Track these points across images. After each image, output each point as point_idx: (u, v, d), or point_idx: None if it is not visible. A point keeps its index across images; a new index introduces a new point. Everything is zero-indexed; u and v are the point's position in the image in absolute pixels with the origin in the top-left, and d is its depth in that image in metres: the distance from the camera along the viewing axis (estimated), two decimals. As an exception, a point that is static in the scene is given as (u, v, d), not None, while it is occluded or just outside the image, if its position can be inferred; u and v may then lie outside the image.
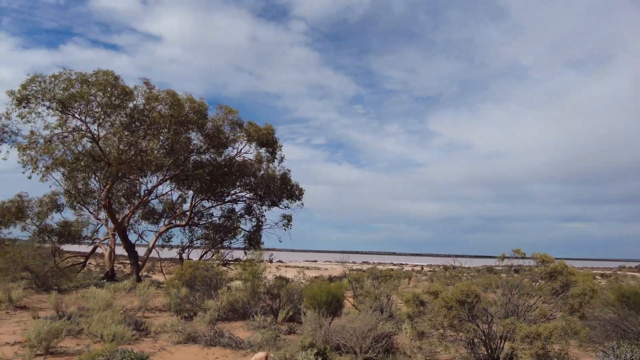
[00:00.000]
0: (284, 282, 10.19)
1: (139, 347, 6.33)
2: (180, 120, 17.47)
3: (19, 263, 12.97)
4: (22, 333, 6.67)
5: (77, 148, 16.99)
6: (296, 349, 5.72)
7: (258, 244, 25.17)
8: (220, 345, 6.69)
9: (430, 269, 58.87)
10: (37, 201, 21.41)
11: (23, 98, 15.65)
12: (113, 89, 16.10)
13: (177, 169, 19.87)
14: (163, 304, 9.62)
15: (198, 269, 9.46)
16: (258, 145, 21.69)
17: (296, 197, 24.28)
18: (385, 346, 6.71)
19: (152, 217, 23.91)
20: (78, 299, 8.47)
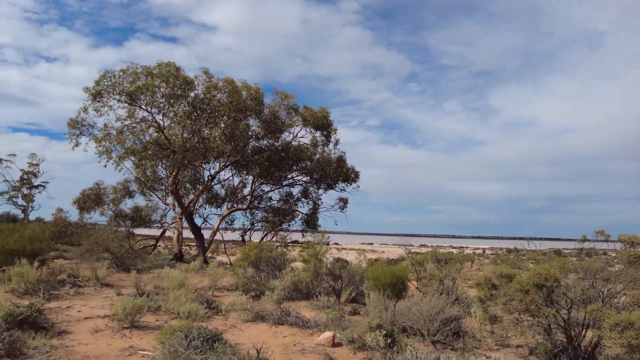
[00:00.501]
0: (344, 263, 10.23)
1: (211, 324, 6.65)
2: (238, 108, 17.90)
3: (100, 245, 14.13)
4: (110, 308, 7.26)
5: (144, 138, 18.05)
6: (363, 330, 5.71)
7: (315, 227, 25.51)
8: (287, 324, 6.85)
9: (492, 252, 56.65)
10: (112, 188, 23.15)
11: (97, 93, 16.79)
12: (175, 79, 16.80)
13: (237, 155, 20.50)
14: (230, 284, 10.06)
15: (262, 250, 9.75)
16: (313, 128, 21.76)
17: (352, 179, 24.20)
18: (453, 329, 6.53)
19: (215, 202, 24.99)
20: (154, 278, 9.06)
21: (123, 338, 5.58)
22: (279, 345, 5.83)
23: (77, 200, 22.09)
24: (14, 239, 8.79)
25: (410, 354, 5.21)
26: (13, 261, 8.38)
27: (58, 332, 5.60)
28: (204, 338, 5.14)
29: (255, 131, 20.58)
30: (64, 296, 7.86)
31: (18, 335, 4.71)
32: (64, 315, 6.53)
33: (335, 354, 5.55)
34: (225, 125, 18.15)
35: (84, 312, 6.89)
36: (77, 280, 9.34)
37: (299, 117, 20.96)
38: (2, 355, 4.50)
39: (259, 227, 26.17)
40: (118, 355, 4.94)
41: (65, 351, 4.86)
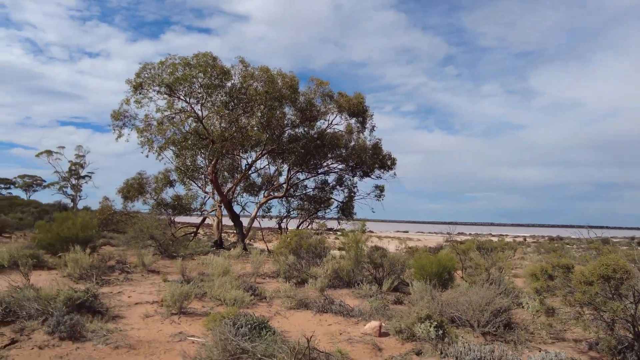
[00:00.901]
0: (384, 252, 10.04)
1: (256, 311, 6.68)
2: (274, 96, 17.88)
3: (145, 232, 14.61)
4: (157, 294, 7.46)
5: (184, 128, 18.42)
6: (412, 321, 5.55)
7: (350, 215, 25.39)
8: (331, 312, 6.79)
9: (533, 240, 54.62)
10: (154, 178, 23.86)
11: (138, 85, 17.19)
12: (212, 69, 16.93)
13: (273, 144, 20.57)
14: (272, 271, 10.13)
15: (302, 237, 9.74)
16: (349, 115, 21.48)
17: (388, 167, 23.81)
18: (504, 321, 6.25)
19: (252, 190, 25.32)
20: (199, 265, 9.23)
21: (172, 324, 5.69)
22: (324, 334, 5.77)
23: (121, 189, 22.93)
24: (68, 227, 9.18)
25: (463, 346, 5.01)
26: (67, 248, 8.76)
27: (112, 316, 5.77)
28: (252, 325, 5.15)
29: (290, 119, 20.54)
30: (114, 282, 8.14)
31: (77, 319, 4.88)
32: (115, 300, 6.74)
33: (383, 344, 5.43)
34: (261, 114, 18.20)
35: (134, 297, 7.10)
36: (125, 266, 9.67)
37: (334, 104, 20.72)
38: (64, 337, 4.68)
39: (294, 215, 26.37)
40: (169, 340, 5.03)
41: (120, 335, 4.99)
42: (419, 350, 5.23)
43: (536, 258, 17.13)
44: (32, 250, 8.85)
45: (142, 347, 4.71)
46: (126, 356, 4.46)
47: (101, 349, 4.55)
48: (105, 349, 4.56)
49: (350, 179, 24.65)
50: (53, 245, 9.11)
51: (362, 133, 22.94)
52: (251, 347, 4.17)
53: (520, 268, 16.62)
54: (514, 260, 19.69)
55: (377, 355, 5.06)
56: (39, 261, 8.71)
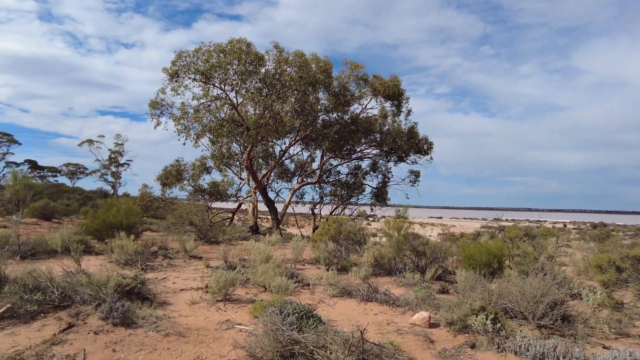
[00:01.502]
0: (426, 239, 9.74)
1: (300, 298, 6.60)
2: (309, 81, 17.64)
3: (185, 218, 14.89)
4: (201, 280, 7.51)
5: (219, 115, 18.51)
6: (465, 312, 5.29)
7: (384, 201, 25.03)
8: (376, 301, 6.62)
9: (574, 227, 52.38)
10: (191, 165, 24.30)
11: (174, 73, 17.34)
12: (246, 56, 16.83)
13: (306, 130, 20.40)
14: (311, 257, 10.05)
15: (342, 224, 9.57)
16: (384, 98, 20.97)
17: (424, 151, 23.19)
18: (561, 314, 5.88)
19: (286, 176, 25.37)
20: (240, 251, 9.26)
21: (218, 311, 5.68)
22: (372, 324, 5.61)
23: (159, 176, 23.51)
24: (113, 214, 9.40)
25: (521, 340, 4.72)
26: (113, 234, 8.98)
27: (160, 302, 5.83)
28: (299, 314, 5.05)
29: (324, 104, 20.27)
30: (159, 268, 8.27)
31: (128, 305, 4.93)
32: (161, 286, 6.82)
33: (434, 336, 5.21)
34: (295, 100, 18.02)
35: (178, 283, 7.16)
36: (168, 252, 9.83)
37: (368, 88, 20.25)
38: (117, 323, 4.73)
39: (328, 201, 26.27)
40: (217, 328, 5.00)
41: (169, 322, 5.01)
42: (472, 343, 4.98)
43: (585, 246, 16.28)
44: (81, 236, 9.14)
45: (191, 335, 4.70)
46: (177, 344, 4.45)
47: (152, 335, 4.56)
48: (156, 336, 4.57)
49: (385, 165, 24.23)
50: (100, 232, 9.37)
51: (397, 117, 22.40)
52: (302, 337, 4.05)
53: (566, 256, 15.87)
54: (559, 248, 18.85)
55: (430, 348, 4.85)
56: (87, 247, 8.98)
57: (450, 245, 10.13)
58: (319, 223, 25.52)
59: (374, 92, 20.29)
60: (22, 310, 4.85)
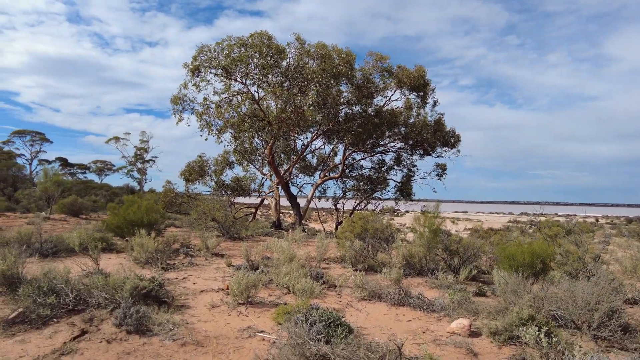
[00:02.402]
0: (459, 237, 9.12)
1: (325, 302, 6.15)
2: (331, 74, 17.10)
3: (207, 215, 14.67)
4: (222, 280, 7.15)
5: (241, 110, 18.21)
6: (511, 321, 4.71)
7: (409, 195, 24.31)
8: (408, 305, 6.09)
9: (607, 221, 50.14)
10: (213, 160, 24.19)
11: (195, 68, 17.11)
12: (268, 49, 16.42)
13: (328, 124, 19.89)
14: (336, 256, 9.59)
15: (368, 221, 9.06)
16: (408, 90, 20.22)
17: (451, 144, 22.33)
18: (621, 324, 5.21)
19: (308, 171, 24.96)
20: (263, 249, 8.88)
21: (240, 316, 5.28)
22: (405, 332, 5.10)
23: (183, 172, 23.47)
24: (134, 211, 9.17)
25: (582, 358, 4.11)
26: (134, 231, 8.75)
27: (178, 306, 5.47)
28: (326, 322, 4.59)
29: (346, 97, 19.68)
30: (179, 266, 7.97)
31: (144, 311, 4.58)
32: (181, 287, 6.49)
33: (477, 347, 4.66)
34: (317, 93, 17.52)
35: (199, 284, 6.82)
36: (189, 250, 9.55)
37: (392, 79, 19.53)
38: (131, 331, 4.39)
39: (350, 196, 25.72)
40: (237, 336, 4.59)
41: (187, 329, 4.63)
42: (522, 357, 4.41)
43: (626, 243, 15.23)
44: (102, 234, 8.94)
45: (209, 344, 4.31)
46: (194, 354, 4.06)
47: (168, 345, 4.19)
48: (172, 345, 4.20)
49: (409, 158, 23.49)
50: (121, 229, 9.16)
51: (422, 109, 21.60)
52: (332, 352, 3.59)
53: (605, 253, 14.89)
54: (594, 244, 17.78)
55: (473, 362, 4.31)
56: (108, 244, 8.78)
57: (483, 242, 9.47)
58: (343, 219, 25.05)
59: (398, 84, 19.57)
60: (34, 315, 4.57)
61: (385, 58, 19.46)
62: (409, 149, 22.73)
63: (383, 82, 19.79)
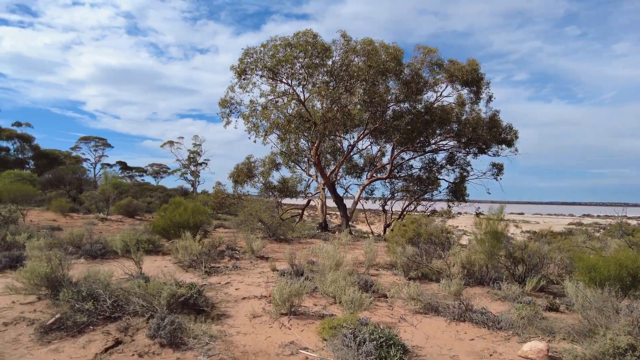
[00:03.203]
0: (524, 243, 8.14)
1: (376, 314, 5.55)
2: (378, 70, 16.41)
3: (254, 216, 14.50)
4: (265, 285, 6.76)
5: (287, 111, 17.97)
6: (601, 348, 3.87)
7: (462, 196, 22.97)
8: (470, 321, 5.34)
9: (688, 224, 45.02)
10: (261, 162, 24.24)
11: (242, 71, 17.08)
12: (313, 48, 16.03)
13: (376, 122, 19.16)
14: (385, 261, 8.93)
15: (422, 224, 8.33)
16: (461, 85, 19.01)
17: (508, 142, 20.79)
18: None
19: (355, 172, 24.32)
20: (308, 253, 8.42)
21: (282, 328, 4.82)
22: (469, 354, 4.40)
23: (232, 174, 23.71)
24: (180, 213, 9.05)
25: None
26: (179, 233, 8.62)
27: (218, 314, 5.11)
28: (377, 341, 4.01)
29: (394, 94, 18.85)
30: (223, 270, 7.68)
31: (179, 322, 4.23)
32: (222, 293, 6.15)
33: (559, 379, 3.87)
34: (363, 91, 16.88)
35: (241, 290, 6.46)
36: (235, 252, 9.30)
37: (443, 73, 18.43)
38: (164, 343, 4.05)
39: (399, 197, 24.76)
40: (278, 353, 4.13)
41: (224, 343, 4.23)
42: (620, 395, 3.57)
43: None
44: (149, 236, 8.90)
45: (248, 362, 3.87)
46: (230, 374, 3.64)
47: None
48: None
49: (463, 157, 22.16)
50: (167, 231, 9.08)
51: (475, 105, 20.28)
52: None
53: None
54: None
55: (558, 399, 3.54)
56: (155, 246, 8.72)
57: (551, 249, 8.39)
58: (392, 221, 24.15)
59: (450, 78, 18.44)
60: (70, 322, 4.37)
61: (433, 51, 18.42)
62: (462, 147, 21.45)
63: (433, 77, 18.75)
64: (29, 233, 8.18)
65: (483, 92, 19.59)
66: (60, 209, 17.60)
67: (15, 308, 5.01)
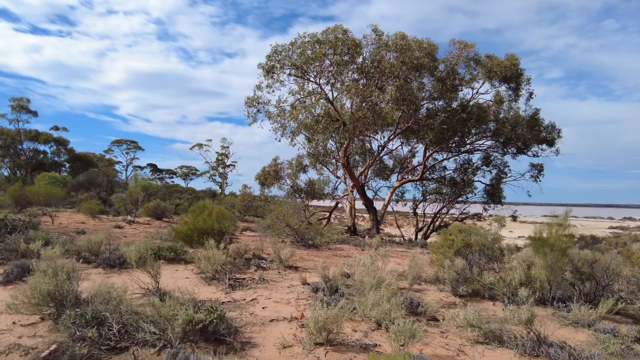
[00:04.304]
0: (591, 255, 6.96)
1: (429, 346, 4.60)
2: (411, 66, 15.36)
3: (281, 220, 13.73)
4: (296, 303, 5.91)
5: (315, 111, 17.16)
6: None
7: (499, 199, 21.54)
8: (547, 356, 4.31)
9: None
10: (288, 163, 23.54)
11: (270, 69, 16.41)
12: (342, 44, 15.16)
13: (408, 121, 18.08)
14: (427, 273, 7.92)
15: (471, 233, 7.28)
16: (499, 81, 17.68)
17: (549, 141, 19.26)
18: None
19: (384, 173, 23.27)
20: (342, 264, 7.51)
21: (318, 364, 3.94)
22: (559, 409, 3.38)
23: (258, 176, 23.12)
24: (203, 218, 8.34)
25: None
26: (203, 241, 7.91)
27: (241, 343, 4.29)
28: (443, 394, 3.07)
29: (428, 91, 17.72)
30: (249, 283, 6.87)
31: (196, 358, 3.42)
32: (247, 313, 5.33)
33: None
34: (395, 88, 15.87)
35: (269, 308, 5.63)
36: (262, 261, 8.51)
37: (481, 69, 17.16)
38: (174, 387, 3.25)
39: (432, 199, 23.52)
40: (316, 402, 3.24)
41: (248, 387, 3.39)
42: None
43: None
44: (171, 243, 8.23)
45: (278, 418, 3.00)
46: None
47: (221, 417, 2.96)
48: (227, 418, 2.96)
49: (500, 158, 20.75)
50: (190, 237, 8.40)
51: (514, 102, 18.89)
52: None
53: None
54: None
55: None
56: (177, 254, 8.03)
57: (621, 260, 7.18)
58: (424, 225, 22.94)
59: (487, 74, 17.15)
60: (67, 355, 3.64)
61: (470, 46, 17.19)
62: (499, 147, 20.05)
63: (469, 72, 17.51)
64: (45, 239, 7.64)
65: (523, 88, 18.19)
66: (90, 211, 17.39)
67: (15, 331, 4.35)
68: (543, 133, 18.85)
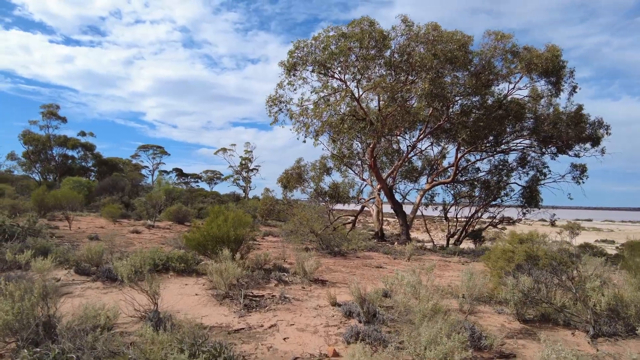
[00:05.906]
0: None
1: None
2: (445, 58, 13.96)
3: (305, 225, 12.58)
4: (325, 332, 4.69)
5: (340, 109, 15.97)
6: None
7: (536, 202, 19.70)
8: None
9: None
10: (311, 165, 22.38)
11: (291, 66, 15.33)
12: (369, 37, 13.92)
13: (439, 119, 16.64)
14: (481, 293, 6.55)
15: (535, 243, 5.89)
16: (539, 75, 16.00)
17: (593, 140, 17.39)
18: None
19: (412, 175, 21.79)
20: (378, 280, 6.24)
21: None
22: None
23: (281, 179, 22.05)
24: (218, 224, 7.25)
25: None
26: (217, 250, 6.82)
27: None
28: None
29: (462, 87, 16.22)
30: (268, 303, 5.69)
31: None
32: (265, 347, 4.14)
33: None
34: (428, 82, 14.48)
35: (291, 339, 4.43)
36: (283, 274, 7.33)
37: (519, 62, 15.55)
38: None
39: (464, 203, 21.84)
40: None
41: None
42: None
43: None
44: (182, 252, 7.17)
45: None
46: None
47: None
48: None
49: (538, 158, 18.95)
50: (204, 246, 7.33)
51: (554, 98, 17.14)
52: None
53: None
54: None
55: None
56: (188, 265, 6.95)
57: None
58: (456, 230, 21.30)
59: (527, 68, 15.50)
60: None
61: (507, 37, 15.61)
62: (538, 146, 18.30)
63: (507, 66, 15.92)
64: (44, 248, 6.71)
65: (565, 82, 16.44)
66: (110, 215, 16.72)
67: (-35, 373, 3.32)
68: (588, 130, 17.01)
